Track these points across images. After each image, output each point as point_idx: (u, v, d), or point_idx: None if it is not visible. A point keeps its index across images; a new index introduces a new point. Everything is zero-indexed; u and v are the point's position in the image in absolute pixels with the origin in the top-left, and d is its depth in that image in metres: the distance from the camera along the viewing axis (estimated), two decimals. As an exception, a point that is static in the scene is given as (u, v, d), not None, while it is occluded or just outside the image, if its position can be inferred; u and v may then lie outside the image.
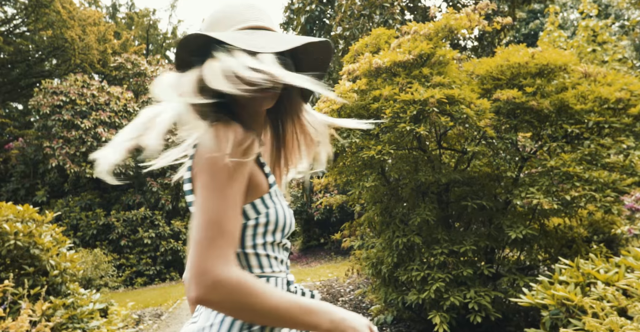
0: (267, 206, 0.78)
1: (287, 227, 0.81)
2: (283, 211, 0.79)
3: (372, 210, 3.45)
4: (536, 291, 1.97)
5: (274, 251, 0.80)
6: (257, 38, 0.72)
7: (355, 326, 0.69)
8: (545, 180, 2.66)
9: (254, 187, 0.77)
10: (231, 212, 0.69)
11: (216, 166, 0.70)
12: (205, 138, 0.71)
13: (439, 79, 2.93)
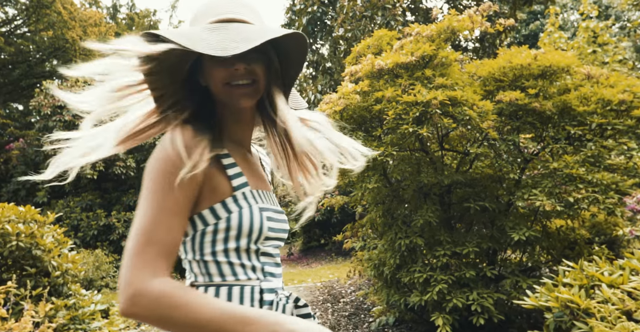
0: (229, 211, 0.74)
1: (256, 233, 0.74)
2: (250, 215, 0.74)
3: (374, 211, 3.45)
4: (540, 293, 1.97)
5: (240, 258, 0.75)
6: (214, 36, 0.69)
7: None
8: (548, 182, 2.65)
9: (211, 190, 0.73)
10: (165, 220, 0.66)
11: (156, 172, 0.68)
12: (161, 142, 0.72)
13: (442, 81, 2.93)
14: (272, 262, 0.79)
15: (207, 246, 0.74)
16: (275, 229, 0.79)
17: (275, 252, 0.80)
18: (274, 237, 0.79)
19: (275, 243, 0.80)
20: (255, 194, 0.78)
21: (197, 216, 0.74)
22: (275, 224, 0.79)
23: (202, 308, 0.61)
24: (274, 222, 0.78)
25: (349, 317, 4.40)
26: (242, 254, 0.75)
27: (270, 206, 0.80)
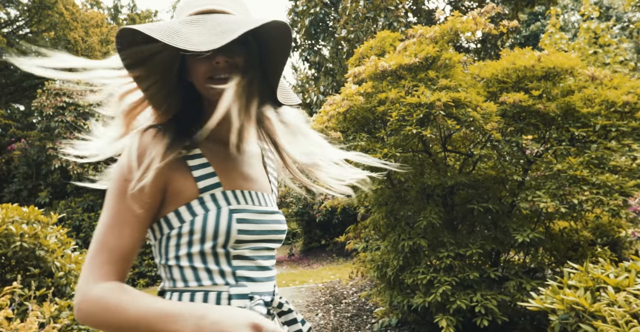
0: (193, 214, 0.71)
1: (223, 236, 0.70)
2: (216, 218, 0.70)
3: (377, 213, 3.45)
4: (545, 295, 1.97)
5: (206, 263, 0.71)
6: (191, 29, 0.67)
7: (225, 330, 0.59)
8: (552, 183, 2.65)
9: (175, 193, 0.72)
10: (116, 228, 0.67)
11: (112, 180, 0.69)
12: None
13: (445, 82, 2.93)
14: (251, 266, 0.74)
15: (171, 250, 0.72)
16: (253, 231, 0.74)
17: (257, 254, 0.75)
18: (250, 239, 0.74)
19: (256, 245, 0.75)
20: (230, 195, 0.75)
21: (163, 219, 0.72)
22: (253, 226, 0.74)
23: (131, 308, 0.61)
24: (250, 224, 0.74)
25: (351, 318, 4.40)
26: (209, 258, 0.71)
27: (250, 207, 0.75)
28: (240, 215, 0.73)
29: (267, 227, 0.76)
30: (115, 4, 21.56)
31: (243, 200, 0.75)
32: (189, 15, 0.72)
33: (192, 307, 0.62)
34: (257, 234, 0.75)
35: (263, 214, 0.76)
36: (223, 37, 0.65)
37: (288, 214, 12.40)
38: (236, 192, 0.76)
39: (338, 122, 3.19)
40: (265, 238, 0.76)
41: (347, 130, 3.17)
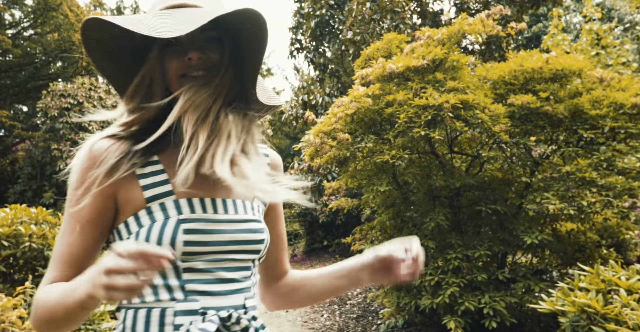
0: (140, 225, 0.68)
1: (177, 244, 0.66)
2: (161, 229, 0.66)
3: (384, 214, 3.46)
4: (555, 297, 1.97)
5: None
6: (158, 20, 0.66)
7: (92, 276, 0.56)
8: (560, 185, 2.66)
9: (124, 203, 0.69)
10: (67, 233, 0.68)
11: (68, 185, 0.70)
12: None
13: (453, 84, 2.94)
14: (208, 279, 0.68)
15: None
16: (207, 242, 0.68)
17: (217, 266, 0.68)
18: (205, 251, 0.68)
19: (216, 257, 0.68)
20: (183, 204, 0.69)
21: (115, 231, 0.71)
22: (208, 237, 0.68)
23: (50, 297, 0.63)
24: (203, 234, 0.68)
25: (356, 319, 4.40)
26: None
27: (207, 216, 0.69)
28: (190, 225, 0.68)
29: (230, 237, 0.70)
30: (118, 5, 21.64)
31: (200, 208, 0.70)
32: (160, 10, 0.71)
33: (86, 273, 0.59)
34: (214, 245, 0.69)
35: (226, 223, 0.70)
36: (191, 25, 0.63)
37: (291, 215, 12.39)
38: (193, 200, 0.70)
39: (345, 123, 3.20)
40: (229, 249, 0.70)
41: (354, 132, 3.18)
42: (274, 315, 4.89)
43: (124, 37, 0.70)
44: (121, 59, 0.74)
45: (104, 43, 0.70)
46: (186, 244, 0.67)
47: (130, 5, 21.90)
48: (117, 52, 0.73)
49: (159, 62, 0.71)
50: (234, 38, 0.73)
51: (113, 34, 0.69)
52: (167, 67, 0.71)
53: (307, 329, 4.28)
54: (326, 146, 3.00)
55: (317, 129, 3.16)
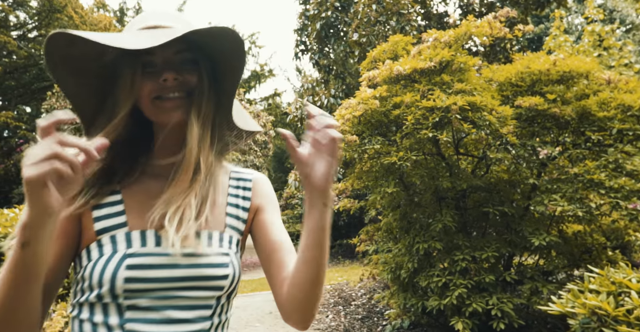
0: (89, 258, 0.65)
1: (107, 284, 0.62)
2: (104, 264, 0.63)
3: (391, 215, 3.47)
4: (565, 299, 1.98)
5: (93, 314, 0.64)
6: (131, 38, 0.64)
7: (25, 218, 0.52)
8: (568, 187, 2.66)
9: (84, 231, 0.68)
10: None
11: None
12: None
13: (461, 86, 2.95)
14: (152, 318, 0.63)
15: (72, 298, 0.67)
16: (153, 278, 0.63)
17: (164, 304, 0.64)
18: (150, 288, 0.63)
19: (164, 294, 0.64)
20: (135, 237, 0.66)
21: (77, 258, 0.68)
22: (155, 272, 0.64)
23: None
24: (149, 270, 0.64)
25: (362, 320, 4.41)
26: (96, 309, 0.64)
27: (159, 250, 0.65)
28: (135, 260, 0.64)
29: (183, 273, 0.65)
30: (120, 7, 21.72)
31: (153, 241, 0.66)
32: (135, 31, 0.70)
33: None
34: (161, 282, 0.64)
35: (181, 257, 0.65)
36: (163, 38, 0.61)
37: (293, 216, 12.41)
38: (147, 232, 0.67)
39: (353, 125, 3.21)
40: (181, 285, 0.65)
41: (362, 134, 3.20)
42: (279, 316, 4.89)
43: (92, 55, 0.67)
44: (88, 79, 0.71)
45: (71, 61, 0.66)
46: (127, 281, 0.62)
47: (133, 7, 21.99)
48: (84, 71, 0.69)
49: (131, 83, 0.68)
50: (211, 61, 0.72)
51: (83, 51, 0.65)
52: (140, 89, 0.68)
53: (313, 329, 4.29)
54: (334, 148, 3.01)
55: (324, 131, 3.17)
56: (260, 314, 5.03)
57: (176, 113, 0.68)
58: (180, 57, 0.69)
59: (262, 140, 12.56)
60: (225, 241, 0.71)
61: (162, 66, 0.68)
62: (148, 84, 0.68)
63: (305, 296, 0.66)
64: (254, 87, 23.45)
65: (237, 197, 0.77)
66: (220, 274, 0.67)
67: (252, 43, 23.36)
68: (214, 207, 0.72)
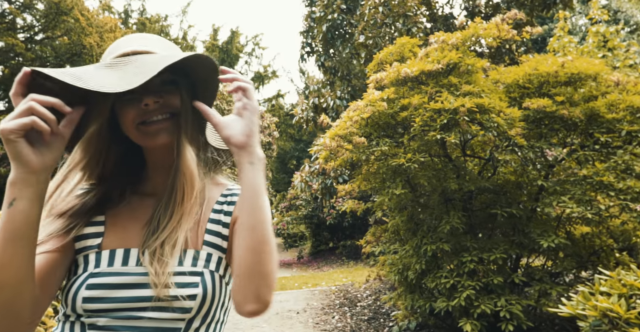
0: (69, 277, 0.68)
1: (70, 303, 0.64)
2: (71, 283, 0.65)
3: (398, 217, 3.48)
4: (576, 301, 1.98)
5: (63, 330, 0.65)
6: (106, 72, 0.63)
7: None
8: (577, 189, 2.67)
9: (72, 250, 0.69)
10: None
11: None
12: None
13: (469, 88, 2.96)
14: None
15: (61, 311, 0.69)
16: (111, 298, 0.63)
17: (122, 324, 0.63)
18: (107, 308, 0.63)
19: (123, 314, 0.63)
20: (104, 257, 0.66)
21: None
22: (114, 292, 0.63)
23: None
24: (108, 290, 0.63)
25: (368, 322, 4.41)
26: (66, 326, 0.65)
27: (124, 269, 0.65)
28: (96, 280, 0.64)
29: (147, 293, 0.63)
30: (125, 9, 21.86)
31: (120, 261, 0.66)
32: (112, 59, 0.68)
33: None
34: (120, 302, 0.63)
35: (145, 276, 0.64)
36: (141, 77, 0.60)
37: (297, 217, 12.43)
38: (116, 251, 0.67)
39: (360, 127, 3.23)
40: (143, 306, 0.63)
41: (370, 135, 3.21)
42: (285, 317, 4.91)
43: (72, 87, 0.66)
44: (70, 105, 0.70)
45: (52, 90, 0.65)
46: (85, 301, 0.63)
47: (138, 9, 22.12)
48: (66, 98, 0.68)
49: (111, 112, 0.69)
50: (190, 80, 0.72)
51: (62, 85, 0.64)
52: (123, 116, 0.68)
53: (319, 330, 4.30)
54: (342, 149, 3.03)
55: (332, 133, 3.19)
56: (267, 314, 5.05)
57: (161, 136, 0.68)
58: (159, 79, 0.68)
59: (266, 141, 12.59)
60: (201, 260, 0.68)
61: (141, 91, 0.67)
62: (130, 111, 0.67)
63: (246, 269, 0.60)
64: (257, 88, 23.53)
65: (219, 213, 0.74)
66: (186, 294, 0.63)
67: (255, 44, 23.46)
68: (195, 224, 0.71)
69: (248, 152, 0.62)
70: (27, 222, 0.56)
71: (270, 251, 0.61)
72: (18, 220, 0.55)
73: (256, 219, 0.61)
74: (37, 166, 0.56)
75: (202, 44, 22.77)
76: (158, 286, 0.62)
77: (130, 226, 0.70)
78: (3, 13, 11.11)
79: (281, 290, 6.82)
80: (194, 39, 22.71)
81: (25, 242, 0.56)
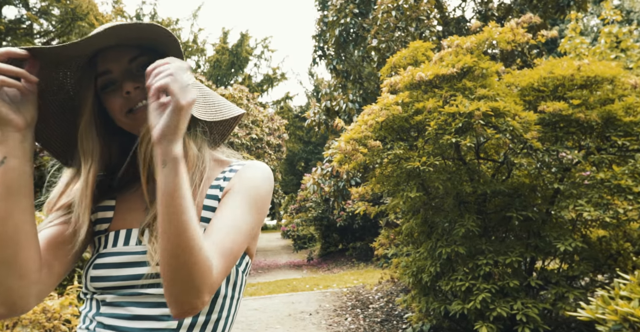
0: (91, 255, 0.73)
1: (83, 280, 0.70)
2: (87, 262, 0.70)
3: (413, 219, 3.50)
4: (595, 305, 1.98)
5: (85, 307, 0.71)
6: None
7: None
8: (594, 192, 2.66)
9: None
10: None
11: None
12: None
13: (484, 92, 2.98)
14: (120, 313, 0.66)
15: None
16: (115, 276, 0.66)
17: (127, 300, 0.66)
18: (113, 285, 0.67)
19: (127, 291, 0.66)
20: (110, 238, 0.71)
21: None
22: (116, 271, 0.67)
23: None
24: (111, 269, 0.67)
25: (381, 324, 4.43)
26: (86, 303, 0.71)
27: (126, 249, 0.68)
28: (101, 260, 0.68)
29: (147, 271, 0.65)
30: (137, 13, 22.21)
31: (123, 241, 0.70)
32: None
33: None
34: (122, 280, 0.66)
35: (145, 255, 0.66)
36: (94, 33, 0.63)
37: (307, 219, 12.47)
38: (120, 232, 0.71)
39: (374, 130, 3.26)
40: (144, 283, 0.66)
41: (384, 139, 3.24)
42: (298, 318, 4.95)
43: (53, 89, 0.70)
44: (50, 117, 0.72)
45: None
46: (92, 280, 0.67)
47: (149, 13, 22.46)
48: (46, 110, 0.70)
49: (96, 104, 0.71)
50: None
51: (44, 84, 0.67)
52: (110, 107, 0.70)
53: (332, 331, 4.34)
54: (357, 153, 3.07)
55: (347, 136, 3.23)
56: (280, 316, 5.09)
57: (131, 122, 0.69)
58: (135, 64, 0.69)
59: (276, 143, 12.68)
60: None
61: (121, 80, 0.69)
62: (115, 101, 0.69)
63: (165, 274, 0.58)
64: (266, 90, 23.69)
65: (216, 188, 0.74)
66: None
67: (264, 47, 23.65)
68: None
69: (159, 150, 0.57)
70: (20, 178, 0.59)
71: (188, 259, 0.56)
72: (11, 177, 0.58)
73: (170, 225, 0.56)
74: (20, 123, 0.59)
75: (212, 47, 23.00)
76: (153, 262, 0.63)
77: (135, 209, 0.73)
78: (21, 19, 11.40)
79: (292, 291, 6.85)
80: (204, 42, 22.96)
81: (21, 197, 0.59)
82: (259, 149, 11.83)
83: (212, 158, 0.78)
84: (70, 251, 0.69)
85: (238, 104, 11.54)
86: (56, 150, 0.74)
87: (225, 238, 0.63)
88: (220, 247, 0.62)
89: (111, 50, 0.69)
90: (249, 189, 0.71)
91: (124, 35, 0.66)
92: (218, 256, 0.61)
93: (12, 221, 0.58)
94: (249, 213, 0.69)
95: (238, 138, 10.91)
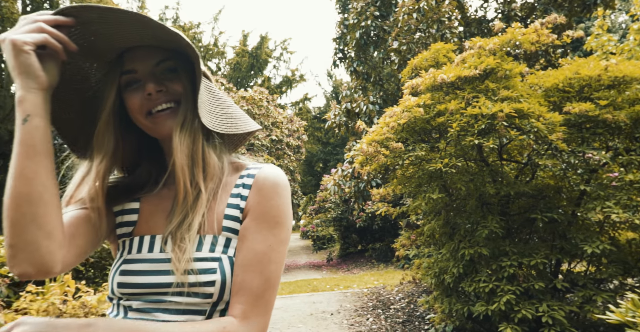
0: (116, 258, 0.72)
1: (109, 286, 0.70)
2: (113, 267, 0.70)
3: (434, 221, 3.52)
4: (625, 309, 1.97)
5: (112, 312, 0.70)
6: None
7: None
8: (623, 194, 2.62)
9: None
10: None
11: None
12: None
13: (507, 93, 2.98)
14: (145, 319, 0.66)
15: None
16: (140, 283, 0.66)
17: (154, 307, 0.66)
18: (139, 292, 0.67)
19: (153, 298, 0.66)
20: (135, 243, 0.71)
21: None
22: (142, 278, 0.66)
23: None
24: (137, 276, 0.67)
25: (403, 324, 4.45)
26: (114, 308, 0.71)
27: (150, 256, 0.68)
28: (127, 266, 0.68)
29: (166, 279, 0.66)
30: (160, 17, 22.83)
31: (147, 247, 0.70)
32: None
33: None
34: (147, 287, 0.66)
35: (170, 264, 0.66)
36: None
37: (327, 219, 12.54)
38: (144, 238, 0.71)
39: (396, 132, 3.30)
40: (166, 291, 0.66)
41: (406, 141, 3.28)
42: (320, 318, 5.02)
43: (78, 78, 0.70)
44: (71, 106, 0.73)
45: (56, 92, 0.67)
46: (119, 286, 0.68)
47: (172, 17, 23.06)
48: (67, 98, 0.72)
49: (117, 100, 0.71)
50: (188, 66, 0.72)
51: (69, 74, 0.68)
52: (130, 106, 0.70)
53: (355, 331, 4.39)
54: (379, 155, 3.12)
55: (369, 138, 3.29)
56: (301, 315, 5.18)
57: (167, 125, 0.69)
58: (161, 67, 0.70)
59: (295, 144, 12.82)
60: (219, 245, 0.68)
61: (144, 80, 0.69)
62: (134, 99, 0.69)
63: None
64: (285, 92, 23.92)
65: (237, 197, 0.73)
66: (205, 280, 0.65)
67: (283, 49, 23.88)
68: (211, 210, 0.70)
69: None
70: (43, 137, 0.59)
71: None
72: (34, 135, 0.58)
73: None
74: (45, 82, 0.58)
75: (232, 50, 23.40)
76: (178, 272, 0.64)
77: (157, 213, 0.73)
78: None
79: (313, 291, 6.93)
80: (224, 45, 23.37)
81: (44, 156, 0.59)
82: (279, 150, 11.99)
83: (229, 161, 0.79)
84: (91, 230, 0.71)
85: (258, 105, 11.72)
86: (72, 141, 0.75)
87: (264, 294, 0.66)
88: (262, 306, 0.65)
89: (139, 49, 0.70)
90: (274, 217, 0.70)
91: (158, 36, 0.66)
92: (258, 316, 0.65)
93: (39, 180, 0.58)
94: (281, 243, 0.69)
95: (258, 140, 11.10)
